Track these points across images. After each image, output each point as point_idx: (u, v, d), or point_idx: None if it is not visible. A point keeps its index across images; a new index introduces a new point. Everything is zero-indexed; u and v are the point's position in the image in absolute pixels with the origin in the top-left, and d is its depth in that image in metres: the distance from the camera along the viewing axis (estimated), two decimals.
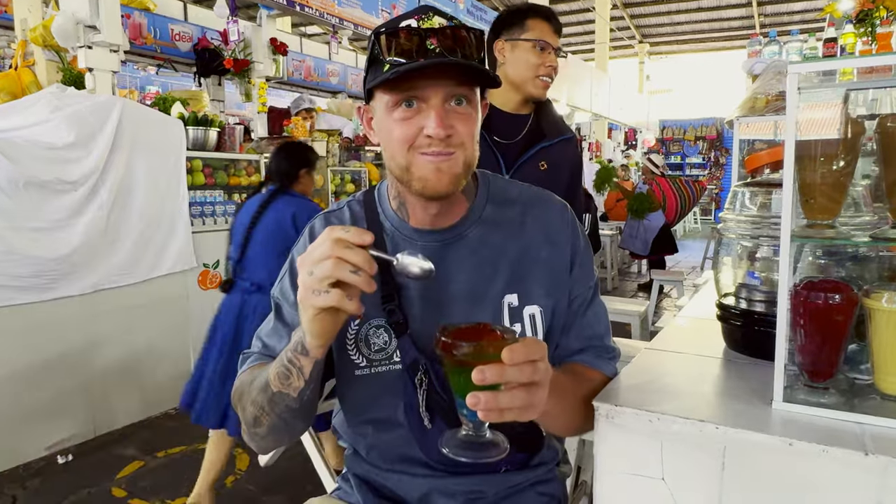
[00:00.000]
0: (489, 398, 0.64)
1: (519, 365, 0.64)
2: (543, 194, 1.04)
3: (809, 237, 0.78)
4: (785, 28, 12.31)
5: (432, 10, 0.83)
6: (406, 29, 0.81)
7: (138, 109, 3.25)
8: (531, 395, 0.66)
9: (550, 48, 1.72)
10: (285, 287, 0.97)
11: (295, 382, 0.81)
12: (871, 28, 2.43)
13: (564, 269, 0.97)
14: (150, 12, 4.86)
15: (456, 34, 0.81)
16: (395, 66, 0.80)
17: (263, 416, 0.87)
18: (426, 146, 0.83)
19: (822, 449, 0.66)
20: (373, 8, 5.18)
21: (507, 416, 0.65)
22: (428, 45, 0.80)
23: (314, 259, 0.70)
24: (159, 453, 2.88)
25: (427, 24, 0.81)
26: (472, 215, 0.96)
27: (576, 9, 14.25)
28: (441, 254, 0.94)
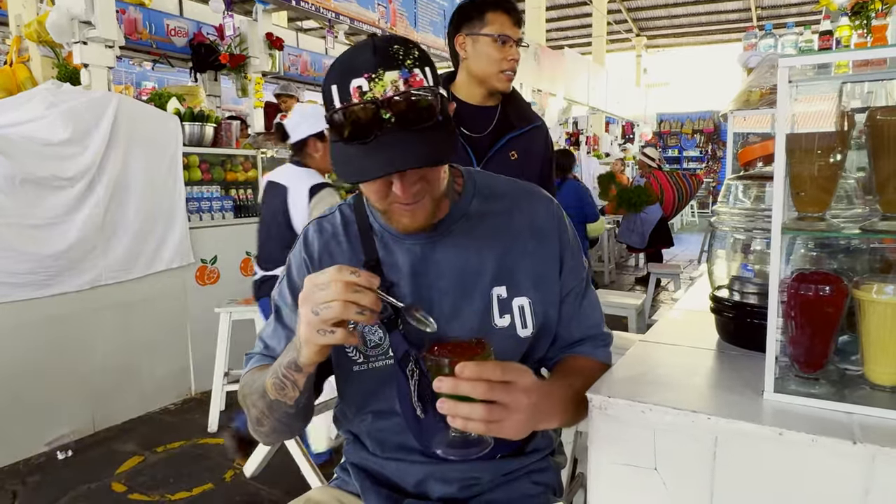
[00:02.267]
0: (451, 406, 0.72)
1: (470, 381, 0.71)
2: (530, 188, 1.06)
3: (800, 229, 0.78)
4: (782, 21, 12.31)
5: (382, 64, 0.78)
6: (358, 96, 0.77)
7: (134, 105, 3.24)
8: (492, 413, 0.72)
9: (511, 41, 1.69)
10: (284, 291, 1.01)
11: (290, 393, 0.86)
12: (866, 21, 2.43)
13: (553, 263, 0.99)
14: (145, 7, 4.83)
15: (409, 99, 0.77)
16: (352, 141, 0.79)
17: (264, 418, 0.92)
18: (400, 200, 0.86)
19: (811, 438, 0.67)
20: (369, 3, 5.16)
21: (472, 426, 0.73)
22: (383, 115, 0.77)
23: (319, 300, 0.73)
24: (159, 448, 2.90)
25: (378, 87, 0.77)
26: (458, 211, 0.98)
27: (573, 2, 14.21)
28: (429, 251, 0.96)
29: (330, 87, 0.81)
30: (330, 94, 0.81)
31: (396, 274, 0.95)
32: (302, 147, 2.35)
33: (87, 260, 2.96)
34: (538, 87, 8.31)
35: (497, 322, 0.95)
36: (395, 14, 5.48)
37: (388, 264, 0.96)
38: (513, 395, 0.74)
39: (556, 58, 8.86)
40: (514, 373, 0.75)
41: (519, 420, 0.75)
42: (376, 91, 0.77)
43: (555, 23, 15.66)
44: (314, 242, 1.00)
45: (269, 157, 4.11)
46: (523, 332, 0.96)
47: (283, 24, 9.00)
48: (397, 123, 0.78)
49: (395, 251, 0.97)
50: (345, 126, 0.79)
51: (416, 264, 0.95)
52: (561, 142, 9.71)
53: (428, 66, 0.82)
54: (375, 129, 0.78)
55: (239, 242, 3.81)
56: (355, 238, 0.99)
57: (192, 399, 3.52)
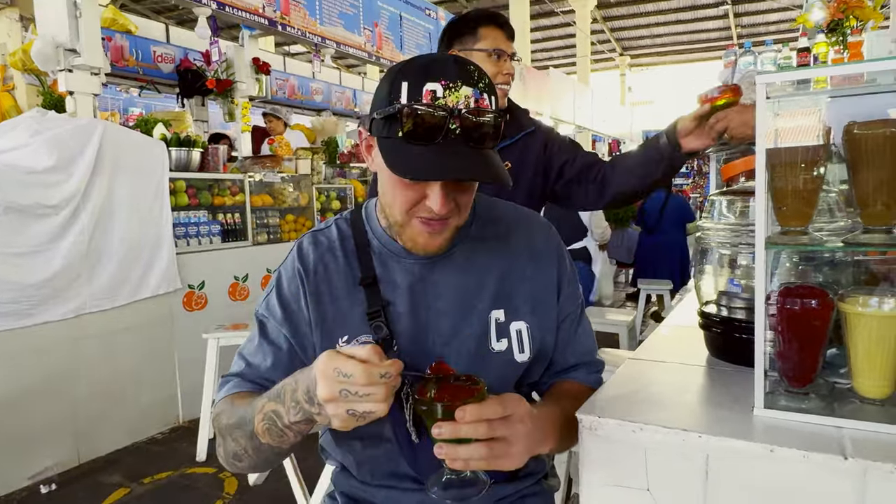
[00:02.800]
0: (449, 450, 0.72)
1: (471, 423, 0.70)
2: (528, 214, 1.07)
3: (784, 244, 0.78)
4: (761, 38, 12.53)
5: (461, 77, 0.80)
6: (430, 100, 0.78)
7: (119, 132, 3.24)
8: (492, 450, 0.72)
9: (506, 55, 1.68)
10: (272, 304, 0.97)
11: (290, 440, 0.82)
12: (842, 37, 2.49)
13: (551, 288, 0.99)
14: (131, 35, 4.85)
15: (480, 115, 0.79)
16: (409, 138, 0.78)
17: (245, 456, 0.88)
18: (425, 213, 0.84)
19: (802, 454, 0.67)
20: (355, 26, 5.22)
21: (474, 465, 0.72)
22: (450, 126, 0.78)
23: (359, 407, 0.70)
24: (145, 479, 2.83)
25: (454, 96, 0.78)
26: (458, 234, 0.97)
27: (557, 23, 14.44)
28: (428, 271, 0.95)
29: (400, 81, 0.80)
30: (397, 89, 0.80)
31: (393, 292, 0.94)
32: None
33: (71, 288, 2.92)
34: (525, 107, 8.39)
35: (494, 346, 0.94)
36: (381, 38, 5.54)
37: (385, 282, 0.94)
38: (512, 428, 0.74)
39: (542, 78, 8.97)
40: (511, 405, 0.75)
41: (518, 451, 0.75)
42: (449, 100, 0.78)
43: (539, 44, 15.90)
44: (309, 254, 0.98)
45: (257, 181, 4.11)
46: (520, 356, 0.95)
47: (271, 48, 9.07)
48: (461, 136, 0.79)
49: (393, 269, 0.95)
50: (409, 124, 0.78)
51: (414, 284, 0.94)
52: None
53: (493, 95, 0.83)
54: (439, 135, 0.78)
55: (227, 267, 3.78)
56: (352, 253, 0.97)
57: (180, 427, 3.46)
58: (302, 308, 0.95)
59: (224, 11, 3.97)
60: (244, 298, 3.85)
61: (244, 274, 3.86)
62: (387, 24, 5.62)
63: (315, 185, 4.59)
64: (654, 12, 14.47)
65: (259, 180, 4.12)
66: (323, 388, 0.71)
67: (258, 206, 4.08)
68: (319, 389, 0.71)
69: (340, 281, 0.95)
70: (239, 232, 3.91)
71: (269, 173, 4.15)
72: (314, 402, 0.74)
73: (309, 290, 0.95)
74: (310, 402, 0.75)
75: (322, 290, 0.95)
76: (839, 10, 2.47)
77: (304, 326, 0.94)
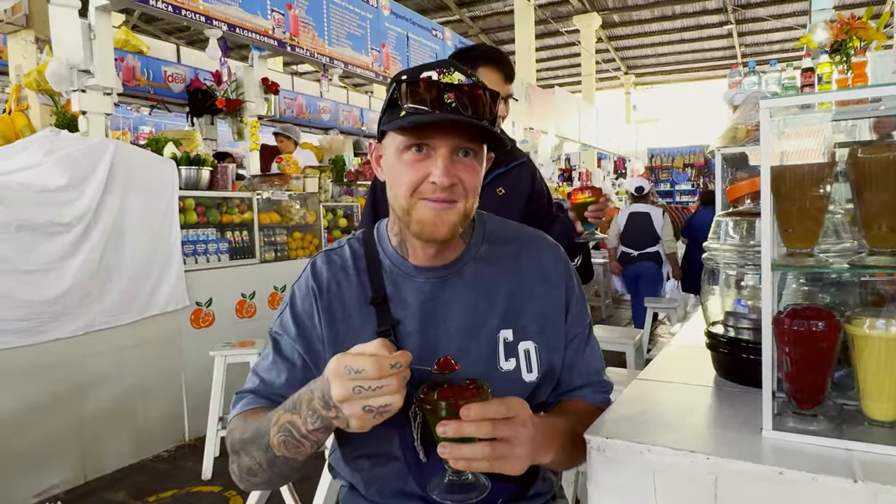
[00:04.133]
0: (453, 449, 0.73)
1: (475, 422, 0.71)
2: (537, 234, 1.08)
3: (790, 266, 0.79)
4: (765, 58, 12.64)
5: (454, 67, 0.88)
6: (426, 80, 0.85)
7: (131, 151, 3.28)
8: (496, 450, 0.73)
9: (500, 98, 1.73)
10: (286, 321, 0.99)
11: (307, 451, 0.83)
12: (845, 58, 2.50)
13: (559, 308, 1.00)
14: (143, 55, 4.93)
15: (473, 92, 0.85)
16: (412, 112, 0.84)
17: (260, 471, 0.88)
18: (430, 192, 0.87)
19: (811, 477, 0.67)
20: (362, 47, 5.29)
21: (477, 466, 0.73)
22: (445, 99, 0.84)
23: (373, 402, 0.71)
24: (150, 497, 2.82)
25: (447, 78, 0.85)
26: (468, 254, 0.99)
27: (562, 42, 14.59)
28: (438, 290, 0.97)
29: (400, 78, 0.87)
30: (398, 85, 0.86)
31: (404, 311, 0.95)
32: None
33: (81, 305, 2.94)
34: (530, 126, 8.46)
35: (502, 365, 0.95)
36: (388, 58, 5.61)
37: (395, 301, 0.96)
38: (515, 430, 0.75)
39: (547, 97, 9.05)
40: (515, 407, 0.76)
41: (521, 454, 0.75)
42: (444, 79, 0.85)
43: (545, 62, 16.04)
44: (323, 272, 0.99)
45: (265, 199, 4.14)
46: (528, 376, 0.95)
47: (279, 68, 9.20)
48: (458, 108, 0.84)
49: (404, 288, 0.96)
50: (407, 100, 0.84)
51: (425, 303, 0.95)
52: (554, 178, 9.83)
53: (489, 92, 0.88)
54: (437, 106, 0.84)
55: (234, 284, 3.80)
56: (363, 272, 0.99)
57: (186, 445, 3.45)
58: (315, 325, 0.96)
59: (234, 33, 4.04)
60: (251, 316, 3.86)
61: (251, 291, 3.88)
62: (394, 45, 5.69)
63: (322, 202, 4.62)
64: (659, 31, 14.60)
65: (267, 198, 4.15)
66: (337, 389, 0.72)
67: (266, 223, 4.11)
68: (333, 390, 0.72)
69: (352, 299, 0.97)
70: (247, 249, 3.94)
71: (277, 191, 4.18)
72: (330, 406, 0.74)
73: (322, 308, 0.96)
74: (326, 407, 0.75)
75: (335, 307, 0.97)
76: (842, 31, 2.49)
77: (318, 343, 0.96)
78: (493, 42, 14.65)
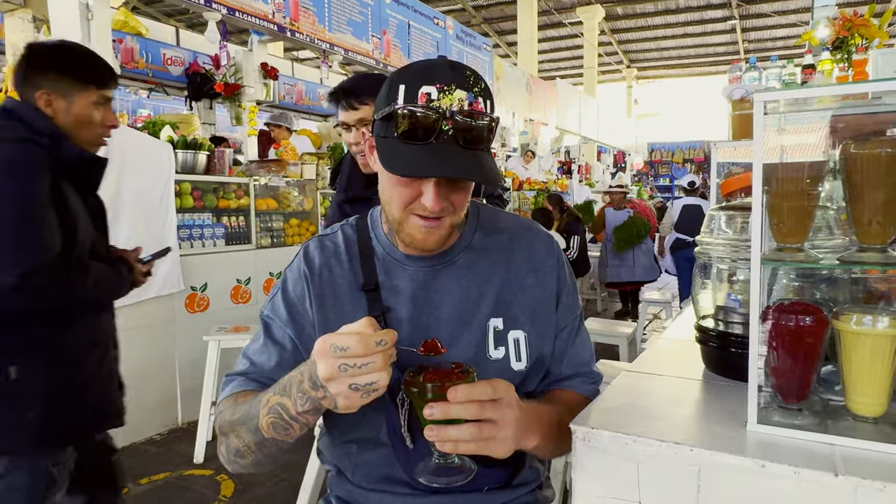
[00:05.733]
0: (439, 431, 0.73)
1: (462, 403, 0.72)
2: (530, 224, 1.09)
3: (780, 260, 0.79)
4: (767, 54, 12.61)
5: (455, 81, 0.83)
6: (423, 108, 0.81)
7: (127, 133, 3.26)
8: (482, 432, 0.73)
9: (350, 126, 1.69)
10: (277, 305, 0.99)
11: (296, 433, 0.84)
12: (847, 55, 2.49)
13: (550, 299, 1.00)
14: (142, 37, 4.90)
15: (472, 118, 0.82)
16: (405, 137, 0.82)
17: (249, 453, 0.89)
18: (421, 210, 0.87)
19: (794, 470, 0.67)
20: (363, 33, 5.26)
21: (463, 448, 0.73)
22: (442, 127, 0.81)
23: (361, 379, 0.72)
24: (143, 480, 2.83)
25: (447, 99, 0.82)
26: (461, 243, 0.99)
27: (564, 34, 14.52)
28: (430, 279, 0.97)
29: (398, 85, 0.83)
30: (395, 91, 0.83)
31: (396, 298, 0.95)
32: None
33: None
34: (530, 117, 8.44)
35: (492, 353, 0.95)
36: (388, 45, 5.58)
37: (387, 288, 0.96)
38: (501, 411, 0.75)
39: (548, 88, 9.01)
40: (501, 389, 0.77)
41: (507, 436, 0.76)
42: (443, 102, 0.81)
43: (547, 54, 15.98)
44: (315, 258, 1.00)
45: (262, 185, 4.13)
46: (517, 365, 0.96)
47: (279, 54, 9.14)
48: (453, 138, 0.82)
49: (396, 275, 0.97)
50: (404, 124, 0.82)
51: (416, 290, 0.96)
52: (553, 170, 9.82)
53: (489, 99, 0.86)
54: (433, 136, 0.81)
55: (230, 270, 3.80)
56: (356, 259, 0.99)
57: (179, 429, 3.46)
58: (307, 309, 0.97)
59: (234, 16, 4.01)
60: (246, 301, 3.86)
61: (247, 277, 3.88)
62: (395, 32, 5.66)
63: (319, 189, 4.61)
64: (662, 25, 14.53)
65: (264, 184, 4.14)
66: (323, 367, 0.72)
67: (262, 209, 4.10)
68: (319, 369, 0.72)
69: (344, 285, 0.97)
70: (243, 235, 3.93)
71: (275, 177, 4.17)
72: (318, 387, 0.75)
73: (314, 293, 0.97)
74: (314, 388, 0.76)
75: (326, 293, 0.97)
76: (844, 28, 2.48)
77: (309, 328, 0.96)
78: (496, 32, 14.58)
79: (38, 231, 1.34)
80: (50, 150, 1.41)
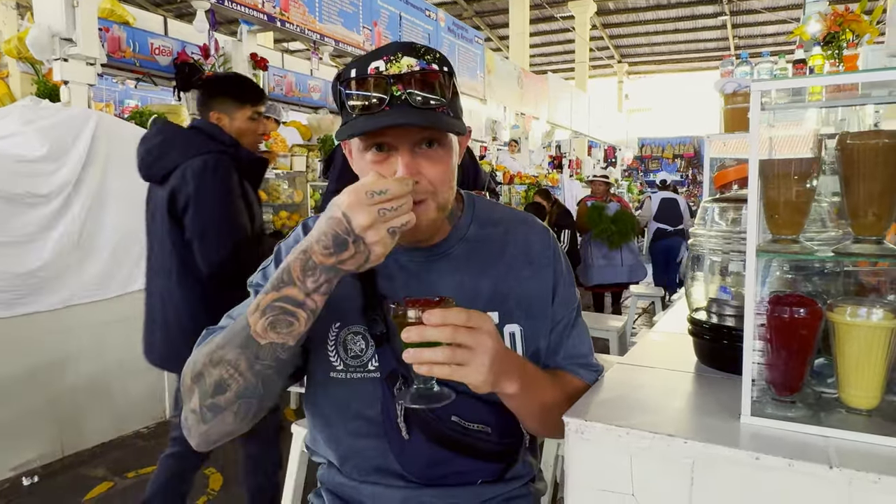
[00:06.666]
0: (416, 353, 0.73)
1: (437, 326, 0.72)
2: (526, 217, 1.07)
3: (775, 252, 0.79)
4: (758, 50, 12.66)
5: (402, 50, 0.82)
6: (370, 77, 0.81)
7: (113, 123, 3.21)
8: (456, 355, 0.73)
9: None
10: (269, 273, 0.94)
11: (300, 328, 0.78)
12: (837, 50, 2.50)
13: (546, 292, 0.99)
14: (129, 26, 4.82)
15: (423, 78, 0.81)
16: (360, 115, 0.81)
17: (235, 377, 0.80)
18: None
19: (787, 463, 0.67)
20: (354, 25, 5.21)
21: (438, 371, 0.73)
22: (394, 92, 0.80)
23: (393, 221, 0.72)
24: (129, 474, 2.81)
25: (394, 67, 0.81)
26: (456, 234, 0.98)
27: (556, 28, 14.50)
28: (424, 270, 0.96)
29: (349, 69, 0.84)
30: (347, 74, 0.83)
31: (390, 289, 0.94)
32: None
33: (60, 279, 2.89)
34: (521, 111, 8.42)
35: None
36: (379, 36, 5.54)
37: (382, 277, 0.94)
38: (477, 338, 0.75)
39: (540, 82, 9.01)
40: (478, 318, 0.76)
41: (483, 363, 0.75)
42: (391, 70, 0.81)
43: (539, 48, 15.96)
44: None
45: None
46: None
47: (269, 45, 9.05)
48: (407, 100, 0.80)
49: (389, 266, 0.95)
50: (355, 98, 0.81)
51: (409, 281, 0.95)
52: (544, 164, 9.82)
53: (445, 66, 0.85)
54: (384, 102, 0.80)
55: None
56: None
57: (167, 422, 3.43)
58: None
59: (223, 5, 3.96)
60: None
61: None
62: (386, 24, 5.62)
63: (310, 182, 4.57)
64: (653, 20, 14.56)
65: None
66: (364, 216, 0.71)
67: None
68: (359, 218, 0.71)
69: None
70: None
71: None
72: (345, 245, 0.72)
73: None
74: (336, 252, 0.73)
75: None
76: (836, 23, 2.49)
77: None
78: (487, 25, 14.54)
79: (237, 215, 1.83)
80: (233, 156, 1.88)
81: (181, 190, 1.83)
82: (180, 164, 1.84)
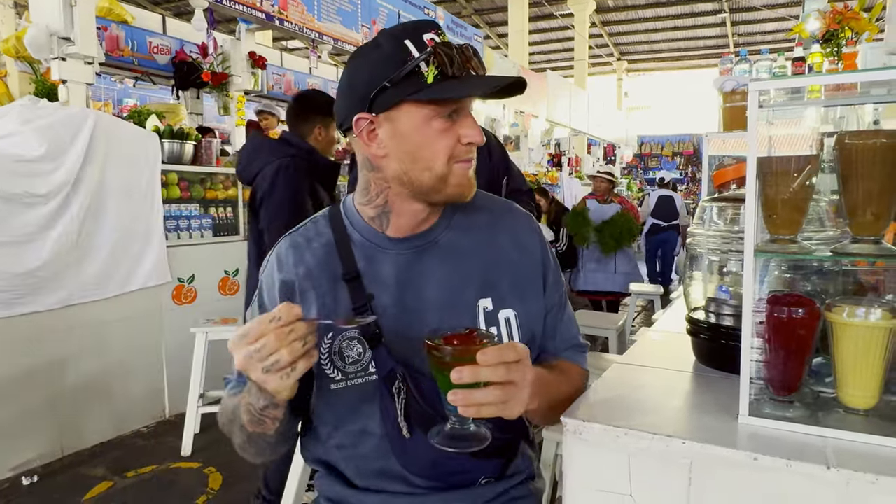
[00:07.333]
0: (466, 395, 0.71)
1: (492, 366, 0.71)
2: (509, 204, 1.08)
3: (773, 252, 0.78)
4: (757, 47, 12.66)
5: (436, 26, 0.88)
6: (455, 47, 0.86)
7: (112, 122, 3.21)
8: (506, 393, 0.73)
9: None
10: (255, 313, 0.98)
11: (270, 427, 0.85)
12: (837, 48, 2.50)
13: (537, 276, 1.00)
14: (127, 25, 4.81)
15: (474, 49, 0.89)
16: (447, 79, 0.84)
17: (247, 446, 0.93)
18: (464, 154, 0.89)
19: (785, 463, 0.66)
20: (353, 23, 5.20)
21: (485, 411, 0.73)
22: (468, 54, 0.87)
23: (266, 360, 0.72)
24: (129, 473, 2.81)
25: (444, 38, 0.87)
26: (441, 222, 0.98)
27: (555, 26, 14.48)
28: (415, 261, 0.95)
29: (402, 41, 0.85)
30: (403, 48, 0.85)
31: (379, 285, 0.93)
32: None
33: (59, 279, 2.89)
34: (521, 109, 8.41)
35: None
36: None
37: (369, 276, 0.94)
38: (522, 372, 0.75)
39: (539, 80, 8.98)
40: (521, 350, 0.76)
41: (524, 398, 0.76)
42: (443, 40, 0.87)
43: (538, 46, 15.94)
44: (288, 260, 0.97)
45: None
46: None
47: (268, 43, 9.03)
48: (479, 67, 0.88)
49: (378, 261, 0.95)
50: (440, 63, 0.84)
51: (400, 274, 0.94)
52: (543, 162, 9.81)
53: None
54: (469, 65, 0.86)
55: (217, 261, 3.76)
56: (332, 250, 0.96)
57: (166, 421, 3.44)
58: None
59: (221, 4, 3.95)
60: (234, 293, 3.83)
61: (235, 269, 3.84)
62: (385, 22, 5.61)
63: None
64: (653, 18, 14.54)
65: None
66: (237, 360, 0.75)
67: None
68: (235, 363, 0.75)
69: (322, 277, 0.95)
70: (230, 226, 3.89)
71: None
72: (244, 378, 0.80)
73: (298, 292, 0.95)
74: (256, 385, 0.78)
75: (305, 287, 0.95)
76: (835, 20, 2.48)
77: None
78: (486, 23, 14.52)
79: (300, 211, 1.99)
80: (308, 161, 2.19)
81: (259, 188, 2.17)
82: (263, 168, 2.17)
